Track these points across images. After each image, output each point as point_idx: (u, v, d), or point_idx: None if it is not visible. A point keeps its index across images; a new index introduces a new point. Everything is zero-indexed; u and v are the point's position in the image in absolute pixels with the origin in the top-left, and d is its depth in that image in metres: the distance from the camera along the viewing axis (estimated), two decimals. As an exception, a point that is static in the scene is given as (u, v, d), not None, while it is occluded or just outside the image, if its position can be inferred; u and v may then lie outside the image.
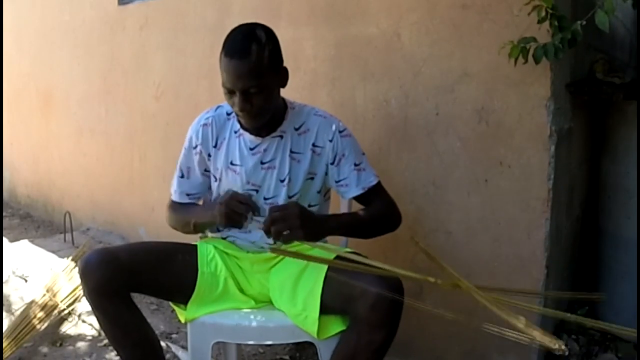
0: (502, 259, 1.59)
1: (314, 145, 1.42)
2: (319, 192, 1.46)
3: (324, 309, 1.27)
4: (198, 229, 1.47)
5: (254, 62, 1.26)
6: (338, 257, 1.28)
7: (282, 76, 1.37)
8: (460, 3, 1.57)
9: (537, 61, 1.35)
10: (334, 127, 1.42)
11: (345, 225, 1.38)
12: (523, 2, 1.34)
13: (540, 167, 1.50)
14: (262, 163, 1.42)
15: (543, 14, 1.32)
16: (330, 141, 1.41)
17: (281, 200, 1.42)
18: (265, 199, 1.43)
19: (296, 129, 1.42)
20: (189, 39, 2.46)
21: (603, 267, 1.78)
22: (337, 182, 1.44)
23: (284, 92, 1.56)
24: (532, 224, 1.53)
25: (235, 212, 1.27)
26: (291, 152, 1.41)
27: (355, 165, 1.42)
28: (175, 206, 1.52)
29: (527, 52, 1.36)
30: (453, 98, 1.62)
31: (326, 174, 1.45)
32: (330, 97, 1.91)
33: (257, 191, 1.43)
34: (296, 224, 1.22)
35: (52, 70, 3.48)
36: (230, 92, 1.30)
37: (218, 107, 1.49)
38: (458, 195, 1.65)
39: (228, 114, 1.46)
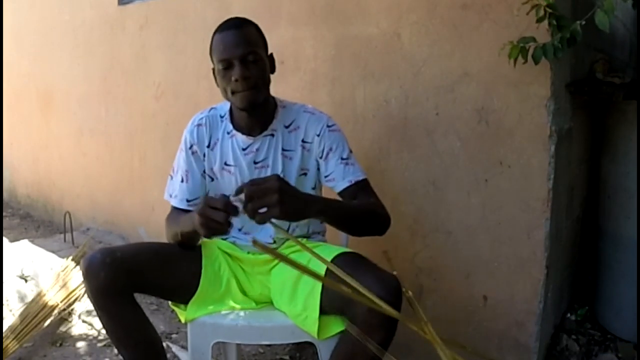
0: (502, 259, 1.59)
1: (303, 141, 1.43)
2: (313, 188, 1.47)
3: (324, 310, 1.27)
4: (185, 239, 1.39)
5: (249, 31, 1.35)
6: (337, 257, 1.28)
7: (271, 59, 1.41)
8: (460, 3, 1.57)
9: (536, 61, 1.35)
10: (322, 122, 1.43)
11: (332, 210, 1.26)
12: (522, 1, 1.34)
13: (540, 167, 1.50)
14: (255, 163, 1.43)
15: (542, 13, 1.32)
16: (318, 135, 1.42)
17: None
18: None
19: (286, 127, 1.44)
20: (189, 39, 2.46)
21: (603, 267, 1.78)
22: (326, 177, 1.44)
23: (282, 92, 1.56)
24: (532, 224, 1.53)
25: (213, 220, 1.14)
26: (283, 150, 1.43)
27: (342, 159, 1.42)
28: (172, 217, 1.46)
29: (527, 53, 1.36)
30: (453, 98, 1.62)
31: (318, 169, 1.45)
32: (330, 97, 1.91)
33: None
34: (273, 200, 1.09)
35: (52, 70, 3.48)
36: (227, 67, 1.32)
37: (212, 108, 1.49)
38: (458, 195, 1.65)
39: (221, 116, 1.47)
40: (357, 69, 1.83)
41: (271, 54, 1.41)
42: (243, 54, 1.31)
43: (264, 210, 1.10)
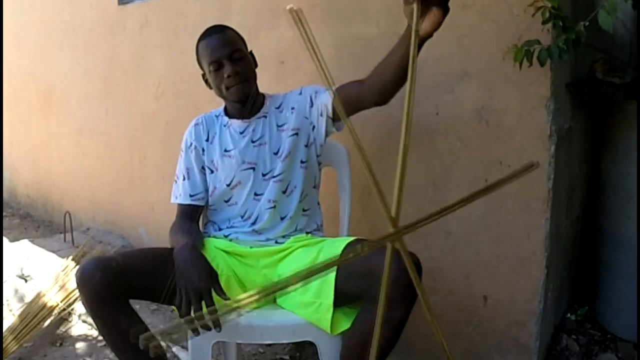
0: (502, 259, 1.59)
1: (291, 108, 1.55)
2: (306, 145, 1.53)
3: (338, 298, 1.26)
4: None
5: (230, 33, 1.52)
6: (349, 245, 1.30)
7: (252, 56, 1.57)
8: (460, 3, 1.57)
9: (542, 64, 1.34)
10: (299, 88, 1.58)
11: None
12: (526, 3, 1.33)
13: (540, 167, 1.49)
14: (253, 142, 1.53)
15: (547, 14, 1.32)
16: (300, 94, 1.56)
17: (277, 172, 1.50)
18: (263, 175, 1.51)
19: (277, 108, 1.57)
20: (189, 39, 2.45)
21: (603, 266, 1.78)
22: (326, 105, 1.51)
23: (282, 92, 1.56)
24: (532, 224, 1.53)
25: (189, 304, 1.24)
26: (277, 126, 1.55)
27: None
28: (176, 226, 1.51)
29: (532, 55, 1.36)
30: (453, 98, 1.62)
31: (313, 128, 1.52)
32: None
33: (253, 169, 1.51)
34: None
35: (52, 70, 3.48)
36: (217, 68, 1.47)
37: (206, 113, 1.63)
38: (458, 195, 1.63)
39: (216, 116, 1.60)
40: (357, 69, 1.82)
41: (251, 52, 1.57)
42: (230, 52, 1.46)
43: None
